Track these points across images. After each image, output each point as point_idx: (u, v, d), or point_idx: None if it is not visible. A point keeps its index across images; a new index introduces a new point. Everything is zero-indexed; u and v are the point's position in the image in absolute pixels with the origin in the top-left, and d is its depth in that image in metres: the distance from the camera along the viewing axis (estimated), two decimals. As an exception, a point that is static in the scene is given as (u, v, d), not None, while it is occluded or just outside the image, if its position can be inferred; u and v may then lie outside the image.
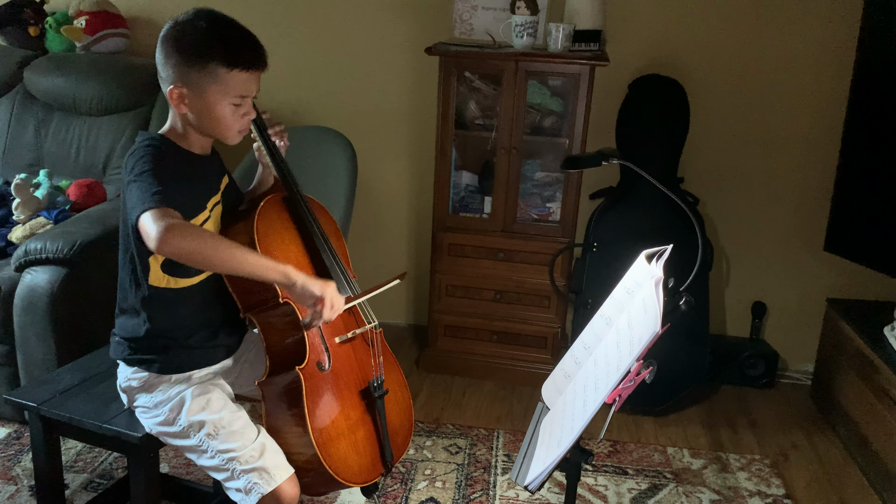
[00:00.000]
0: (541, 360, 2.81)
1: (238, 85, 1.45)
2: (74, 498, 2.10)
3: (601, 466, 2.35)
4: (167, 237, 1.27)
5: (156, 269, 1.51)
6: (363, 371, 1.64)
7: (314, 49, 2.97)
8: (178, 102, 1.45)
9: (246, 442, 1.48)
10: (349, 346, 1.63)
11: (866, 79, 2.52)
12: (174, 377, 1.56)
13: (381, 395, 1.62)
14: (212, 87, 1.43)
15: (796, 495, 2.27)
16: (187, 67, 1.42)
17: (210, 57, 1.41)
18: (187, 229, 1.32)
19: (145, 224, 1.30)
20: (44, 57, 2.93)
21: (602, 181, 2.85)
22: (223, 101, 1.45)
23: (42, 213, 2.47)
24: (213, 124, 1.48)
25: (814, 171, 2.81)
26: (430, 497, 2.17)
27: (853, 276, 2.81)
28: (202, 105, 1.45)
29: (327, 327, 1.58)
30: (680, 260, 1.46)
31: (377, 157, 3.02)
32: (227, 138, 1.52)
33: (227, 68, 1.42)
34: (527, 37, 2.57)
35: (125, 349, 1.57)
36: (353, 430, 1.57)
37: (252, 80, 1.47)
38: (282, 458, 1.49)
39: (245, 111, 1.49)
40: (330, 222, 1.73)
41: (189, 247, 1.30)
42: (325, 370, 1.55)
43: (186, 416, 1.51)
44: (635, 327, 1.26)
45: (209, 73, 1.42)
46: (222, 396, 1.56)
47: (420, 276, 3.14)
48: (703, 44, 2.77)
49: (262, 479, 1.45)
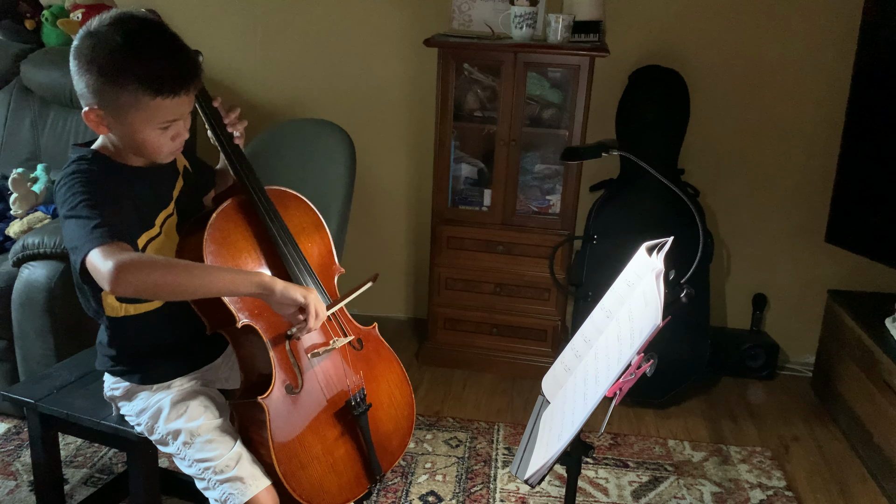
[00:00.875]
0: (541, 352, 2.80)
1: (164, 112, 1.28)
2: (74, 493, 2.09)
3: (602, 459, 2.34)
4: (121, 277, 1.16)
5: (110, 302, 1.44)
6: (341, 387, 1.52)
7: (312, 41, 2.95)
8: (96, 125, 1.30)
9: (223, 451, 1.42)
10: (327, 362, 1.51)
11: (868, 69, 2.50)
12: (155, 386, 1.52)
13: (363, 411, 1.51)
14: (133, 112, 1.26)
15: (797, 487, 2.27)
16: (105, 88, 1.25)
17: (130, 80, 1.23)
18: (141, 263, 1.20)
19: (95, 265, 1.19)
20: (40, 50, 2.92)
21: (602, 173, 2.84)
22: (147, 127, 1.29)
23: (40, 207, 2.46)
24: (139, 148, 1.34)
25: (815, 162, 2.80)
26: (431, 490, 2.17)
27: (854, 267, 2.80)
28: (124, 129, 1.30)
29: (298, 343, 1.47)
30: (680, 252, 1.45)
31: (376, 150, 3.00)
32: (157, 159, 1.38)
33: (149, 95, 1.24)
34: (526, 28, 2.56)
35: (107, 361, 1.54)
36: (329, 452, 1.49)
37: (181, 103, 1.29)
38: (258, 469, 1.42)
39: (174, 133, 1.34)
40: (306, 215, 1.59)
41: (147, 282, 1.19)
42: (297, 392, 1.45)
43: (164, 423, 1.48)
44: (636, 320, 1.25)
45: (129, 96, 1.25)
46: (203, 404, 1.49)
47: (419, 270, 3.13)
48: (703, 34, 2.75)
49: (237, 489, 1.39)
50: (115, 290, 1.19)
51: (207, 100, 1.49)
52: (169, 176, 1.49)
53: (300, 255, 1.52)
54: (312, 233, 1.59)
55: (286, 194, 1.58)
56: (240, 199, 1.49)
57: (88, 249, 1.20)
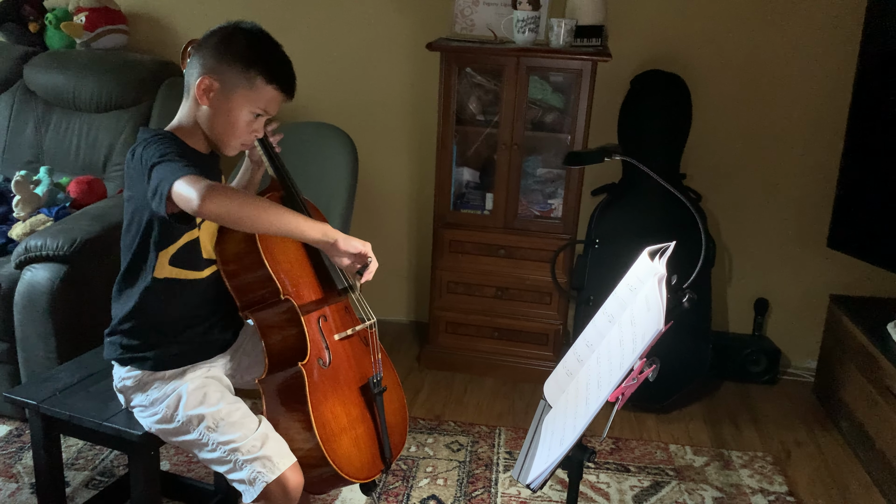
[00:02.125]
0: (542, 356, 2.80)
1: (266, 99, 1.48)
2: (75, 495, 2.09)
3: (603, 464, 2.34)
4: (211, 195, 1.27)
5: (163, 263, 1.50)
6: (362, 368, 1.64)
7: (315, 44, 2.96)
8: (203, 93, 1.45)
9: (247, 432, 1.47)
10: (348, 343, 1.63)
11: (870, 74, 2.50)
12: (168, 373, 1.55)
13: (381, 391, 1.62)
14: (243, 91, 1.45)
15: (799, 492, 2.26)
16: (228, 65, 1.44)
17: (255, 64, 1.45)
18: (228, 189, 1.34)
19: (182, 189, 1.29)
20: (43, 53, 2.93)
21: (604, 177, 2.84)
22: (246, 108, 1.47)
23: (42, 210, 2.47)
24: (225, 127, 1.48)
25: (817, 167, 2.80)
26: (432, 494, 2.17)
27: (856, 272, 2.80)
28: (225, 104, 1.46)
29: (326, 324, 1.58)
30: (682, 256, 1.45)
31: (378, 154, 3.01)
32: (228, 146, 1.52)
33: (265, 80, 1.45)
34: (528, 32, 2.56)
35: (117, 349, 1.56)
36: (354, 426, 1.57)
37: (278, 101, 1.50)
38: (284, 446, 1.48)
39: (256, 127, 1.51)
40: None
41: (232, 205, 1.31)
42: (326, 366, 1.55)
43: (184, 410, 1.51)
44: (638, 325, 1.25)
45: (246, 78, 1.45)
46: (219, 389, 1.55)
47: (421, 273, 3.13)
48: (705, 39, 2.76)
49: (266, 467, 1.44)
50: (204, 207, 1.27)
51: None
52: (218, 171, 1.61)
53: None
54: None
55: (310, 204, 1.70)
56: (280, 194, 1.63)
57: (179, 176, 1.30)
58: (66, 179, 2.65)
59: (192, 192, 1.28)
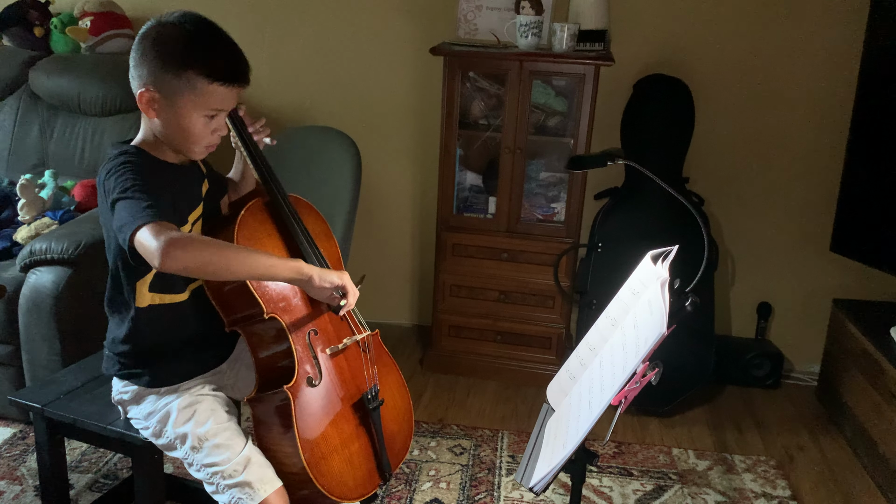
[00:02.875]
0: (545, 360, 2.80)
1: (215, 99, 1.37)
2: (79, 498, 2.10)
3: (606, 468, 2.34)
4: (172, 252, 1.22)
5: (143, 292, 1.46)
6: (356, 381, 1.58)
7: (318, 49, 2.97)
8: (146, 107, 1.38)
9: (231, 455, 1.43)
10: (342, 357, 1.57)
11: (873, 78, 2.50)
12: (163, 389, 1.53)
13: (377, 406, 1.57)
14: (186, 96, 1.35)
15: (802, 497, 2.26)
16: (163, 71, 1.34)
17: (190, 65, 1.34)
18: (191, 241, 1.27)
19: (144, 241, 1.24)
20: (49, 57, 2.94)
21: (607, 181, 2.84)
22: (195, 112, 1.37)
23: (47, 213, 2.48)
24: (180, 135, 1.40)
25: (820, 171, 2.80)
26: (435, 498, 2.17)
27: (859, 276, 2.79)
28: (172, 114, 1.37)
29: (317, 338, 1.53)
30: (685, 260, 1.45)
31: (381, 157, 3.01)
32: (191, 152, 1.45)
33: (206, 80, 1.34)
34: (531, 37, 2.57)
35: (115, 363, 1.55)
36: (346, 445, 1.52)
37: (230, 95, 1.39)
38: (268, 472, 1.44)
39: (216, 126, 1.42)
40: (318, 222, 1.66)
41: (195, 260, 1.25)
42: (316, 385, 1.49)
43: (172, 428, 1.49)
44: (641, 328, 1.25)
45: (186, 82, 1.34)
46: (210, 407, 1.51)
47: (424, 277, 3.14)
48: (708, 44, 2.76)
49: (245, 493, 1.40)
50: (165, 263, 1.22)
51: (234, 108, 1.55)
52: (198, 176, 1.55)
53: (321, 255, 1.58)
54: (324, 240, 1.65)
55: (300, 201, 1.65)
56: (265, 199, 1.57)
57: (140, 225, 1.25)
58: (70, 183, 2.66)
59: (152, 246, 1.22)
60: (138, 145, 1.45)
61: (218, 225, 1.53)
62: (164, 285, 1.47)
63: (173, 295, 1.49)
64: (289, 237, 1.56)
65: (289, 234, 1.56)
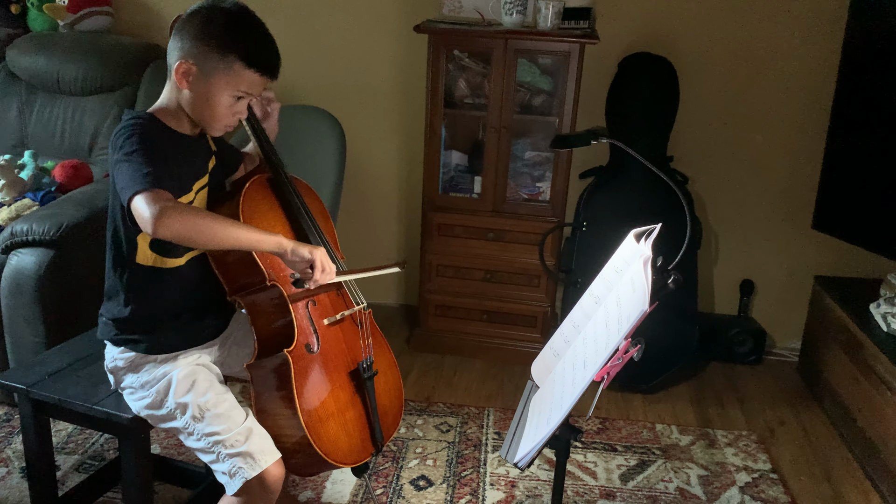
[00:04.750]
0: (531, 338, 2.82)
1: (246, 82, 1.46)
2: (66, 479, 2.10)
3: (590, 443, 2.37)
4: (163, 220, 1.29)
5: (143, 248, 1.50)
6: (352, 352, 1.63)
7: (301, 27, 2.94)
8: (181, 77, 1.45)
9: (232, 425, 1.47)
10: (338, 328, 1.62)
11: (855, 57, 2.52)
12: (160, 357, 1.56)
13: (371, 376, 1.62)
14: (221, 75, 1.44)
15: (782, 469, 2.30)
16: (207, 48, 1.43)
17: (233, 48, 1.43)
18: (182, 211, 1.33)
19: (139, 207, 1.31)
20: (26, 35, 2.89)
21: (592, 160, 2.85)
22: (226, 91, 1.45)
23: (28, 194, 2.45)
24: (206, 111, 1.48)
25: (802, 150, 2.82)
26: (422, 475, 2.19)
27: (840, 253, 2.83)
28: (204, 88, 1.45)
29: (315, 309, 1.58)
30: (670, 238, 1.47)
31: (366, 137, 3.00)
32: (212, 128, 1.52)
33: (245, 64, 1.44)
34: (516, 14, 2.55)
35: (111, 329, 1.57)
36: (342, 412, 1.57)
37: (261, 83, 1.49)
38: (268, 443, 1.48)
39: (239, 109, 1.50)
40: (316, 203, 1.72)
41: (185, 229, 1.32)
42: (314, 352, 1.55)
43: (173, 398, 1.51)
44: (624, 305, 1.27)
45: (225, 62, 1.43)
46: (208, 378, 1.55)
47: (410, 256, 3.14)
48: (693, 22, 2.76)
49: (247, 463, 1.44)
50: (157, 230, 1.30)
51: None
52: (206, 152, 1.60)
53: (321, 230, 1.63)
54: (321, 219, 1.69)
55: (299, 182, 1.70)
56: (268, 176, 1.63)
57: (137, 191, 1.31)
58: (51, 164, 2.63)
59: (146, 213, 1.29)
60: (153, 112, 1.50)
61: (222, 198, 1.58)
62: (162, 247, 1.51)
63: (172, 259, 1.53)
64: (290, 212, 1.62)
65: (290, 210, 1.62)
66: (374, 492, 2.10)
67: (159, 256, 1.51)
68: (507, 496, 2.12)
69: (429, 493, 2.12)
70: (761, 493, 2.18)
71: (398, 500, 2.08)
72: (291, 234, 1.61)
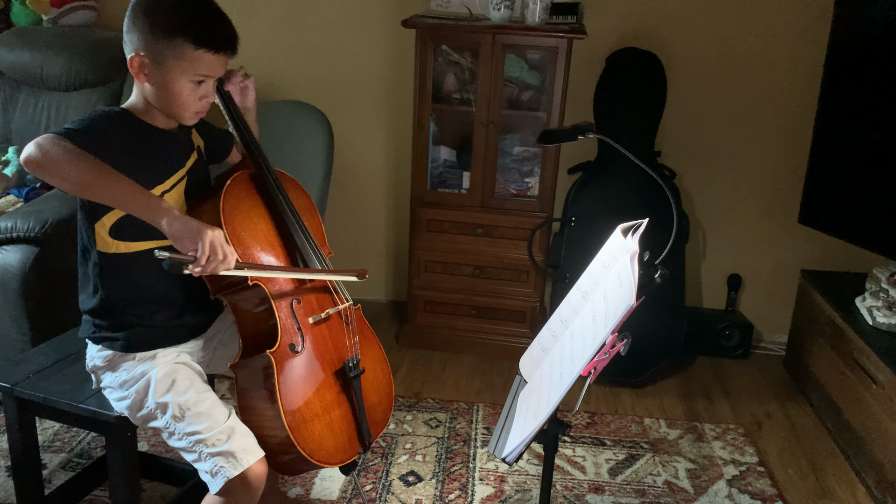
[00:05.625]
0: (519, 333, 2.82)
1: (202, 65, 1.42)
2: (52, 477, 2.09)
3: (579, 438, 2.38)
4: (40, 143, 1.27)
5: (102, 235, 1.47)
6: (338, 351, 1.61)
7: (288, 21, 2.92)
8: (137, 71, 1.42)
9: (213, 424, 1.44)
10: (324, 326, 1.60)
11: (840, 54, 2.53)
12: (138, 356, 1.54)
13: (357, 374, 1.60)
14: (175, 62, 1.40)
15: (769, 462, 2.32)
16: (153, 38, 1.39)
17: (179, 32, 1.38)
18: (61, 140, 1.29)
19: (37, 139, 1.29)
20: (9, 30, 2.86)
21: (580, 155, 2.85)
22: (183, 78, 1.41)
23: (12, 191, 2.43)
24: (170, 100, 1.44)
25: (789, 145, 2.83)
26: (411, 470, 2.19)
27: (827, 248, 2.85)
28: (161, 78, 1.42)
29: (300, 307, 1.55)
30: (657, 233, 1.47)
31: (354, 132, 2.99)
32: (181, 118, 1.49)
33: (194, 46, 1.39)
34: (504, 9, 2.55)
35: (90, 326, 1.55)
36: (328, 411, 1.55)
37: (218, 62, 1.44)
38: (251, 442, 1.46)
39: (203, 93, 1.46)
40: (303, 197, 1.69)
41: (57, 155, 1.28)
42: (299, 351, 1.52)
43: (153, 398, 1.49)
44: (611, 300, 1.27)
45: (175, 48, 1.39)
46: (189, 376, 1.52)
47: (399, 252, 3.13)
48: (681, 17, 2.76)
49: (229, 462, 1.41)
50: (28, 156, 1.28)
51: (221, 83, 1.59)
52: (186, 147, 1.57)
53: (305, 227, 1.60)
54: (308, 215, 1.67)
55: (285, 176, 1.68)
56: (250, 171, 1.61)
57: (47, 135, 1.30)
58: (35, 160, 2.60)
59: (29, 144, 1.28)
60: (126, 108, 1.48)
61: (205, 195, 1.55)
62: (119, 232, 1.47)
63: (133, 242, 1.48)
64: (274, 209, 1.59)
65: (274, 206, 1.59)
66: (363, 488, 2.10)
67: (120, 242, 1.47)
68: (496, 491, 2.12)
69: (418, 488, 2.12)
70: (748, 486, 2.19)
71: (387, 495, 2.08)
72: (275, 232, 1.58)
